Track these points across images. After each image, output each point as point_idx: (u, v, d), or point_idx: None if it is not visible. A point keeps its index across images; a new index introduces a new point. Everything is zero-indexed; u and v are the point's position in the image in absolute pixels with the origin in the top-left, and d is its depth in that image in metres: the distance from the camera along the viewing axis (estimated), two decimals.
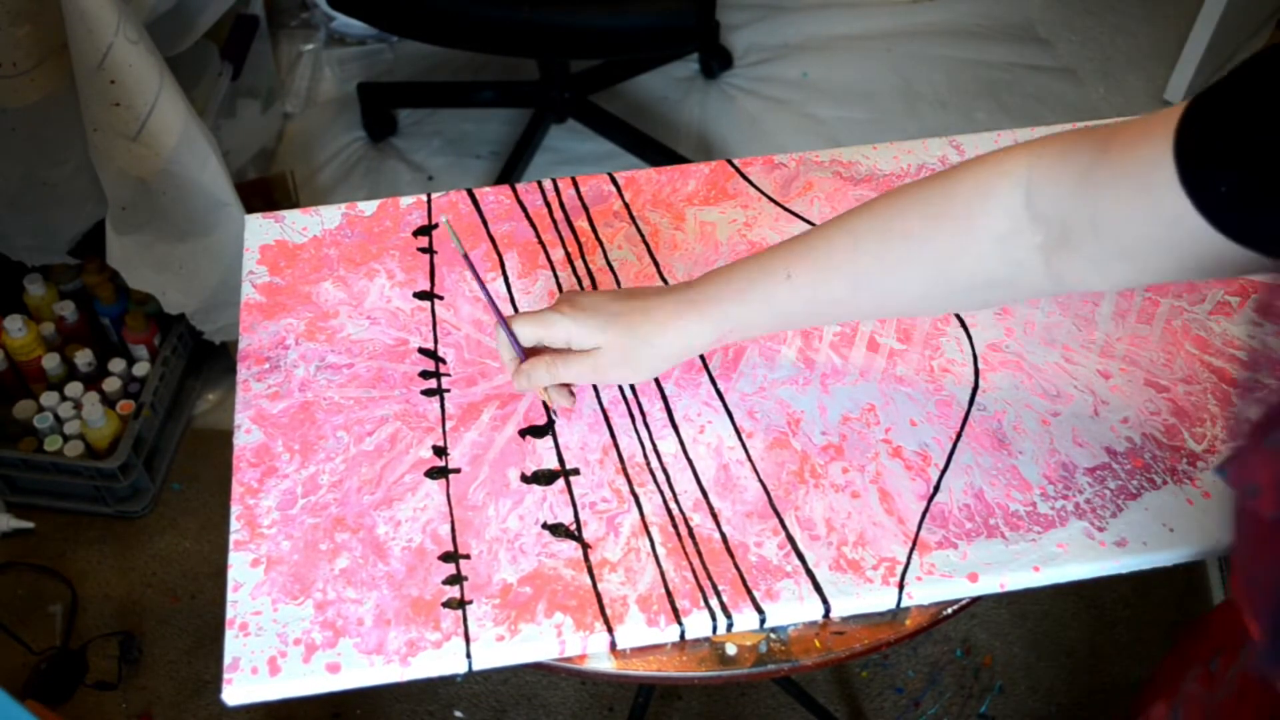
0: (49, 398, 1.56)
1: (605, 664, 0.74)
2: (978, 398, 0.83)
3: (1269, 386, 0.74)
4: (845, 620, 0.75)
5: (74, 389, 1.57)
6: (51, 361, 1.57)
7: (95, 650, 1.47)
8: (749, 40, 2.19)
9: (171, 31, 1.54)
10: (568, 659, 0.72)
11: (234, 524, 0.76)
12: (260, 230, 0.95)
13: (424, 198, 0.97)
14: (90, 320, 1.66)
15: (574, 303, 0.77)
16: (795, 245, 0.74)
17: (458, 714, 1.44)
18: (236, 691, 0.69)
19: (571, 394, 0.82)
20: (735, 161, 0.99)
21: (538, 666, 0.75)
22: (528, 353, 0.79)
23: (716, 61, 2.13)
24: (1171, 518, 0.76)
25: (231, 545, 0.75)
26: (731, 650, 0.75)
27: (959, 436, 0.80)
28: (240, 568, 0.74)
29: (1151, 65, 2.16)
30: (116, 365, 1.61)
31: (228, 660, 0.70)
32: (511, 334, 0.78)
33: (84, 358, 1.59)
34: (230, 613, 0.72)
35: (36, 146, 1.51)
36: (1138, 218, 0.59)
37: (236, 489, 0.78)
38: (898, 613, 0.75)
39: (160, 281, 1.51)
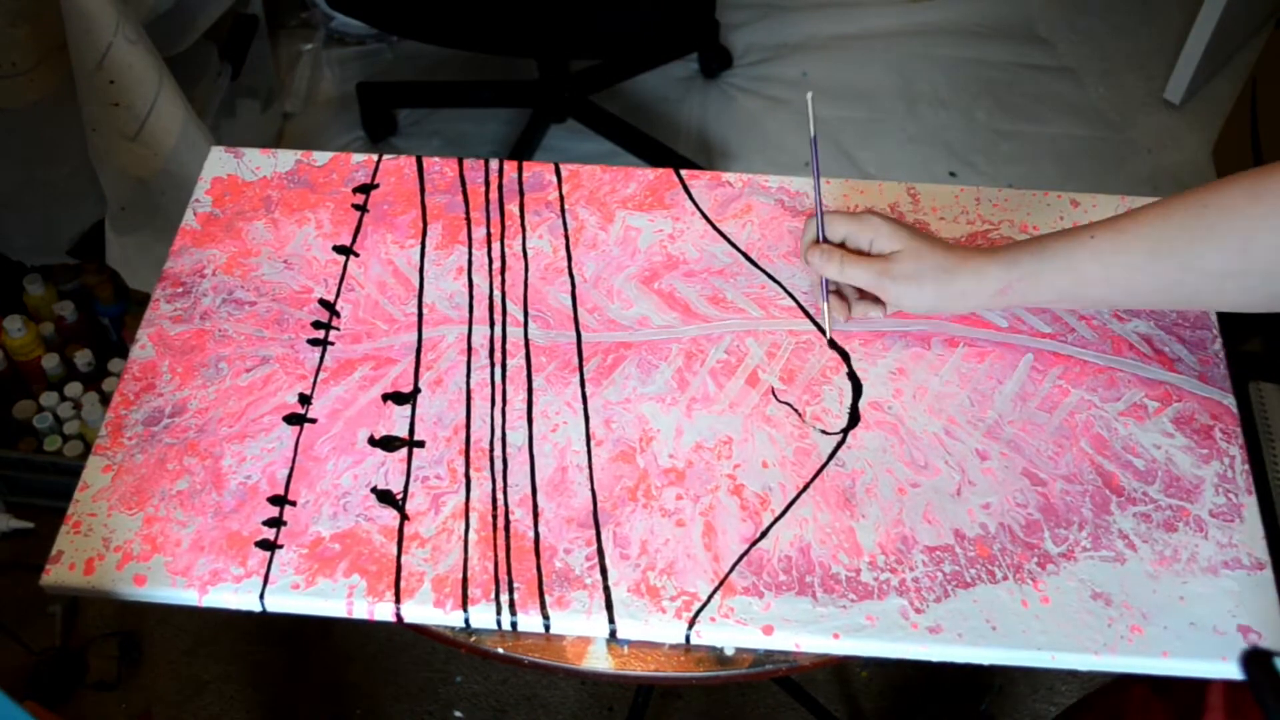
0: (48, 398, 1.56)
1: (605, 664, 0.75)
2: (840, 453, 0.81)
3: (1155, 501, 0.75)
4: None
5: (74, 389, 1.57)
6: (51, 361, 1.57)
7: (95, 650, 1.47)
8: (749, 40, 2.19)
9: (171, 31, 1.54)
10: (356, 618, 0.74)
11: (102, 430, 0.82)
12: (219, 163, 0.99)
13: (374, 157, 1.00)
14: (90, 320, 1.66)
15: (888, 218, 0.82)
16: (1100, 222, 0.77)
17: (457, 714, 1.44)
18: (52, 580, 0.75)
19: (846, 310, 0.86)
20: (682, 173, 0.98)
21: (533, 666, 0.75)
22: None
23: (716, 61, 2.13)
24: (998, 615, 0.73)
25: (94, 448, 0.81)
26: (730, 651, 0.75)
27: (806, 487, 0.79)
28: (94, 471, 0.80)
29: (1151, 65, 2.15)
30: (116, 365, 1.61)
31: (53, 553, 0.76)
32: (822, 221, 0.84)
33: (84, 358, 1.59)
34: (71, 509, 0.78)
35: (36, 146, 1.51)
36: None
37: (116, 399, 0.83)
38: (689, 648, 0.75)
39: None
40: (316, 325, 0.88)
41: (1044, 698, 1.45)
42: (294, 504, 0.78)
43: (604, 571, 0.75)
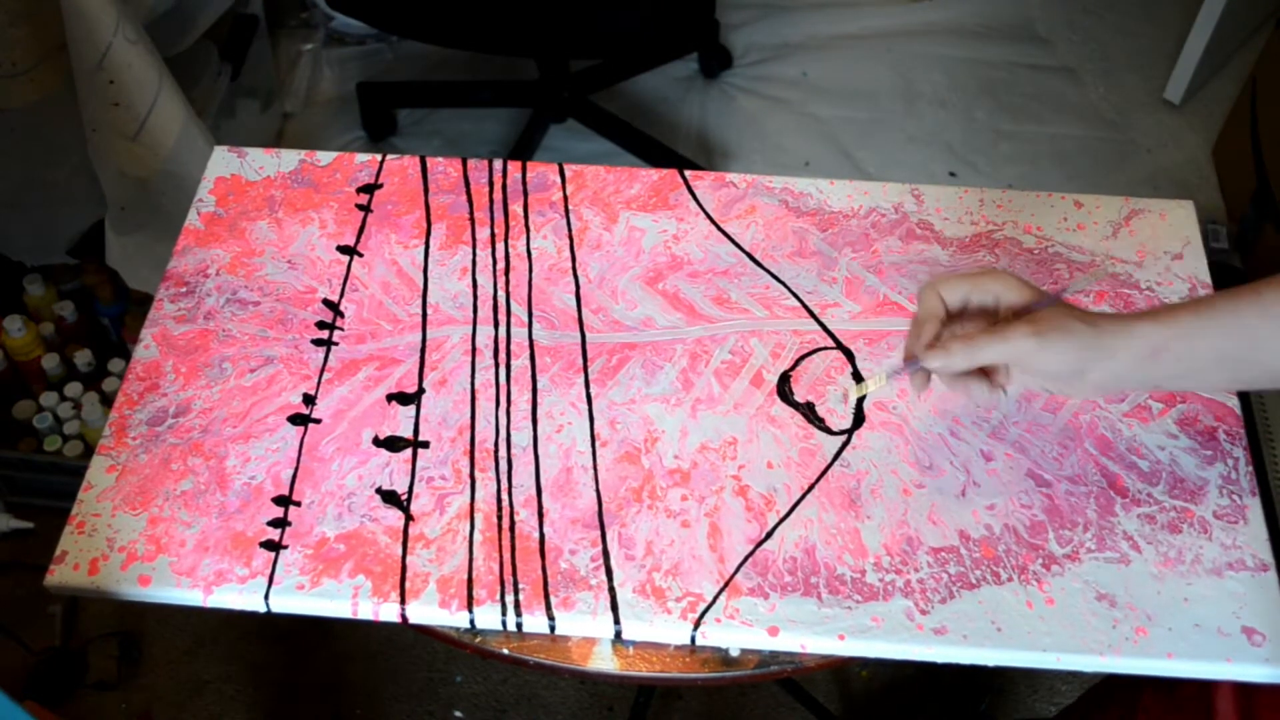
0: (48, 398, 1.56)
1: (606, 664, 0.75)
2: (845, 453, 0.81)
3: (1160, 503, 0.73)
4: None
5: (74, 389, 1.56)
6: (51, 361, 1.57)
7: (95, 650, 1.47)
8: (749, 40, 2.19)
9: (171, 31, 1.53)
10: (361, 619, 0.74)
11: (106, 430, 0.82)
12: (222, 162, 0.99)
13: (377, 157, 0.99)
14: (90, 320, 1.66)
15: (1002, 270, 0.72)
16: (1260, 282, 0.68)
17: (457, 714, 1.43)
18: (56, 581, 0.75)
19: (997, 389, 0.74)
20: (686, 174, 0.98)
21: (538, 667, 0.75)
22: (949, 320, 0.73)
23: (716, 61, 2.13)
24: (1003, 617, 0.73)
25: (98, 448, 0.80)
26: (735, 651, 0.75)
27: (811, 488, 0.79)
28: (97, 471, 0.80)
29: (1151, 65, 2.15)
30: (116, 365, 1.61)
31: (57, 553, 0.76)
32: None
33: (83, 358, 1.59)
34: (75, 509, 0.78)
35: (36, 146, 1.50)
36: None
37: (119, 399, 0.83)
38: (695, 649, 0.75)
39: (159, 282, 1.51)
40: (321, 325, 0.88)
41: (1044, 698, 1.45)
42: (299, 504, 0.78)
43: (609, 572, 0.75)
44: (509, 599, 0.74)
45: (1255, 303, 0.67)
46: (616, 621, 0.73)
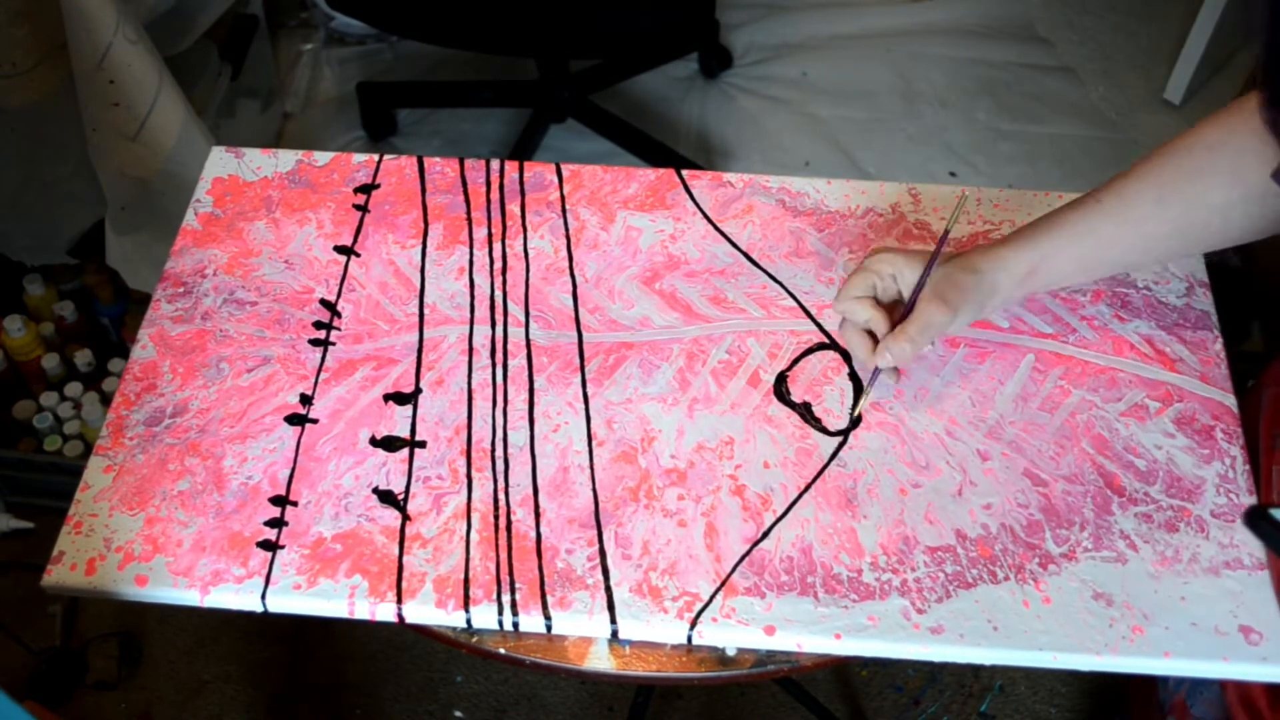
0: (48, 398, 1.56)
1: (603, 663, 0.75)
2: (842, 453, 0.81)
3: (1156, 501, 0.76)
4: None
5: (74, 389, 1.57)
6: (51, 361, 1.57)
7: (95, 650, 1.47)
8: (749, 40, 2.19)
9: (171, 31, 1.53)
10: (358, 619, 0.74)
11: (103, 430, 0.82)
12: (220, 163, 0.99)
13: (374, 157, 0.99)
14: (90, 320, 1.66)
15: (885, 245, 0.83)
16: (1097, 190, 0.79)
17: (457, 714, 1.43)
18: (53, 581, 0.75)
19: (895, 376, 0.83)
20: (684, 173, 0.98)
21: (535, 667, 0.75)
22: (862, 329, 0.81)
23: (716, 61, 2.13)
24: (1000, 616, 0.73)
25: (95, 448, 0.80)
26: (732, 651, 0.75)
27: (807, 488, 0.79)
28: (94, 471, 0.80)
29: (1151, 65, 2.15)
30: (116, 365, 1.61)
31: (54, 553, 0.76)
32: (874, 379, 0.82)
33: (84, 358, 1.59)
34: (72, 510, 0.78)
35: (36, 146, 1.51)
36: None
37: (117, 399, 0.83)
38: (691, 649, 0.75)
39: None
40: (318, 325, 0.88)
41: (1044, 699, 1.45)
42: (295, 504, 0.78)
43: (606, 572, 0.75)
44: (505, 598, 0.74)
45: (1098, 210, 0.78)
46: (613, 621, 0.73)
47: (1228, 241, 0.79)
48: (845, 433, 0.82)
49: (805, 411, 0.83)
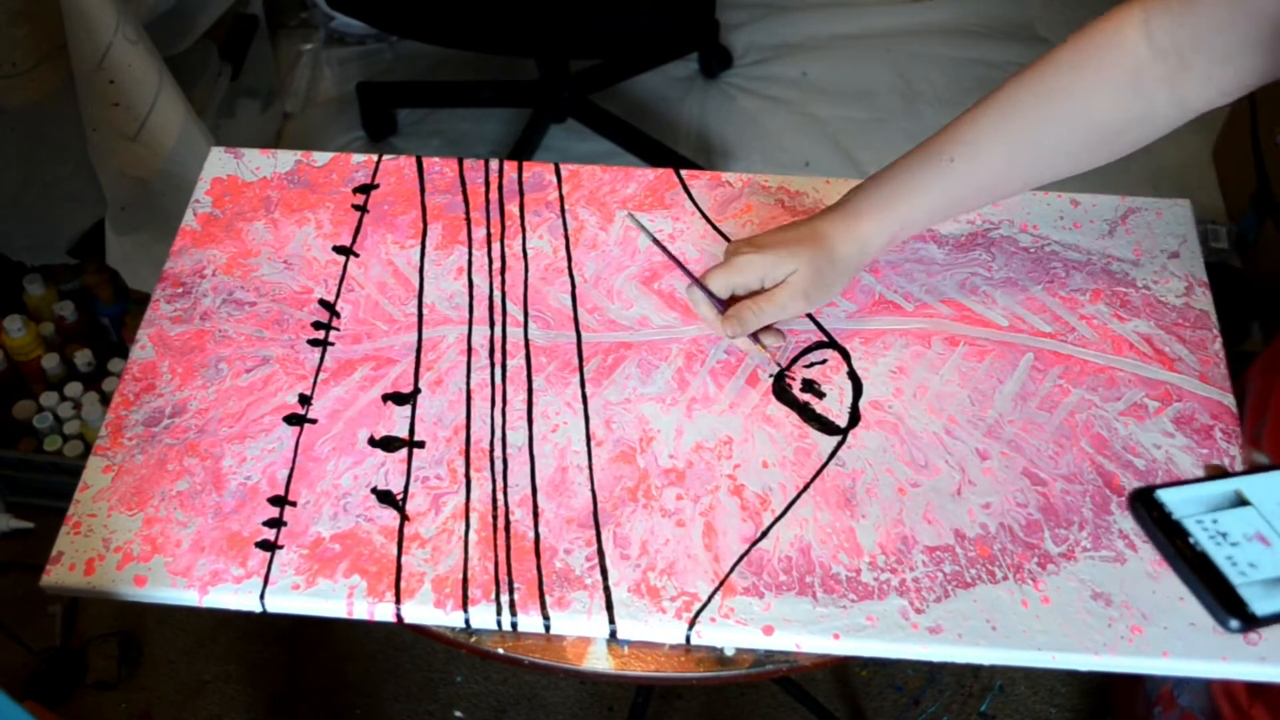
0: (48, 398, 1.56)
1: (601, 663, 0.75)
2: (841, 452, 0.81)
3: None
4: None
5: (74, 389, 1.57)
6: (51, 361, 1.57)
7: (95, 650, 1.47)
8: (748, 40, 2.19)
9: (171, 31, 1.54)
10: (356, 619, 0.74)
11: (102, 430, 0.82)
12: (219, 163, 0.99)
13: (373, 157, 0.99)
14: (90, 320, 1.66)
15: (753, 243, 0.81)
16: (946, 133, 0.79)
17: (457, 714, 1.44)
18: (52, 581, 0.75)
19: (782, 334, 0.85)
20: (682, 173, 0.98)
21: (533, 667, 0.75)
22: (724, 304, 0.82)
23: (716, 61, 2.13)
24: (999, 615, 0.73)
25: (94, 449, 0.80)
26: (730, 651, 0.75)
27: (806, 487, 0.79)
28: (94, 471, 0.80)
29: None
30: (116, 365, 1.61)
31: (53, 553, 0.76)
32: (707, 291, 0.82)
33: (84, 358, 1.59)
34: (71, 510, 0.78)
35: (36, 146, 1.51)
36: (1234, 26, 0.69)
37: (116, 399, 0.83)
38: (690, 648, 0.75)
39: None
40: (316, 326, 0.88)
41: (1044, 699, 1.45)
42: (294, 504, 0.78)
43: (604, 572, 0.75)
44: (504, 598, 0.74)
45: (950, 171, 0.78)
46: (611, 621, 0.73)
47: (1076, 173, 0.81)
48: (844, 432, 0.82)
49: (804, 411, 0.83)
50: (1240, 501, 0.59)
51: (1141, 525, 0.58)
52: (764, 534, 0.77)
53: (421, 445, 0.81)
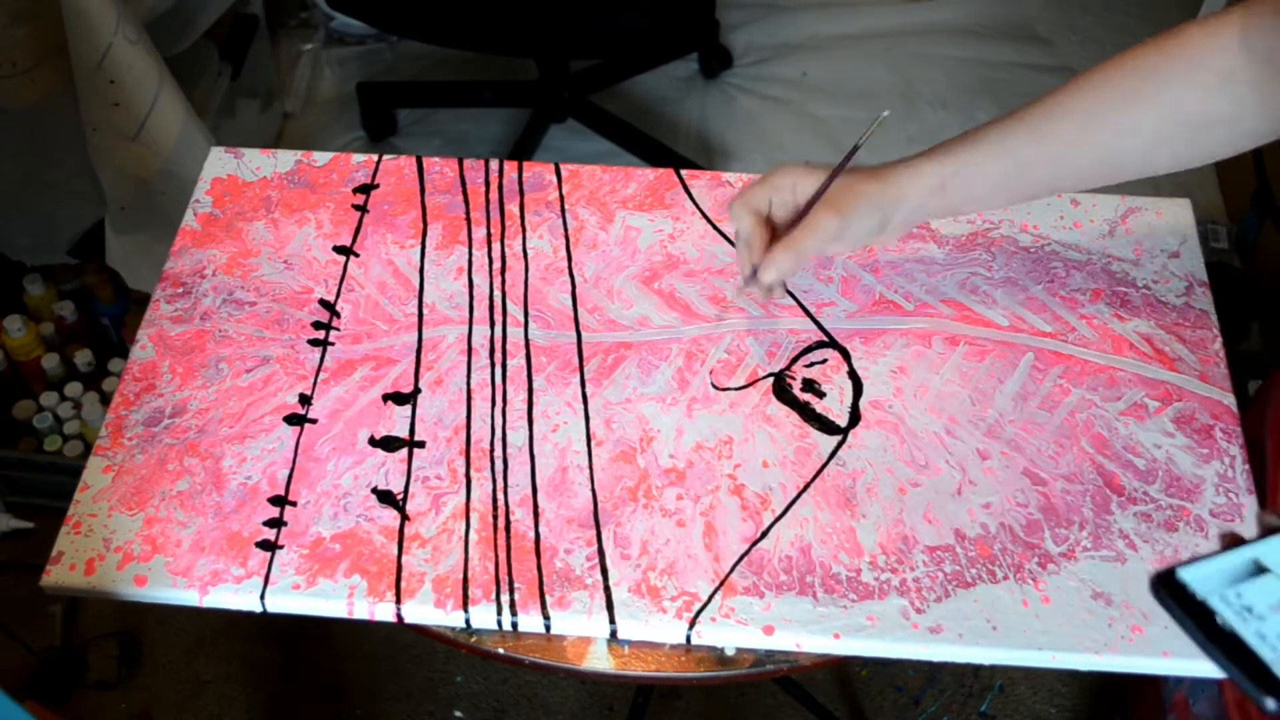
0: (48, 398, 1.56)
1: (602, 663, 0.75)
2: (841, 452, 0.81)
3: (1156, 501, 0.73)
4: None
5: (74, 389, 1.56)
6: (51, 361, 1.57)
7: (95, 650, 1.47)
8: (748, 40, 2.19)
9: (171, 31, 1.54)
10: (357, 619, 0.74)
11: (102, 430, 0.82)
12: (219, 163, 0.99)
13: (374, 157, 0.99)
14: (90, 320, 1.66)
15: (787, 161, 0.78)
16: (1026, 106, 0.75)
17: (457, 714, 1.43)
18: (52, 581, 0.76)
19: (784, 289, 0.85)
20: (683, 173, 0.98)
21: (533, 666, 0.75)
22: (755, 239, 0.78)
23: (716, 61, 2.13)
24: (999, 615, 0.73)
25: (94, 449, 0.80)
26: (730, 651, 0.75)
27: (806, 487, 0.79)
28: (94, 471, 0.80)
29: None
30: (116, 365, 1.61)
31: (53, 553, 0.76)
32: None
33: (84, 358, 1.59)
34: (71, 510, 0.78)
35: (36, 146, 1.51)
36: None
37: (116, 399, 0.83)
38: (690, 648, 0.75)
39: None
40: (317, 325, 0.88)
41: (1044, 699, 1.45)
42: (294, 504, 0.78)
43: (604, 572, 0.75)
44: (504, 598, 0.74)
45: (1020, 128, 0.75)
46: (612, 621, 0.73)
47: (1152, 172, 0.77)
48: (845, 431, 0.82)
49: (804, 410, 0.83)
50: (1259, 569, 0.58)
51: (1166, 609, 0.57)
52: (764, 534, 0.77)
53: (422, 445, 0.81)
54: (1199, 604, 0.56)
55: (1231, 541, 0.60)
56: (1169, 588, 0.57)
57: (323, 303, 0.89)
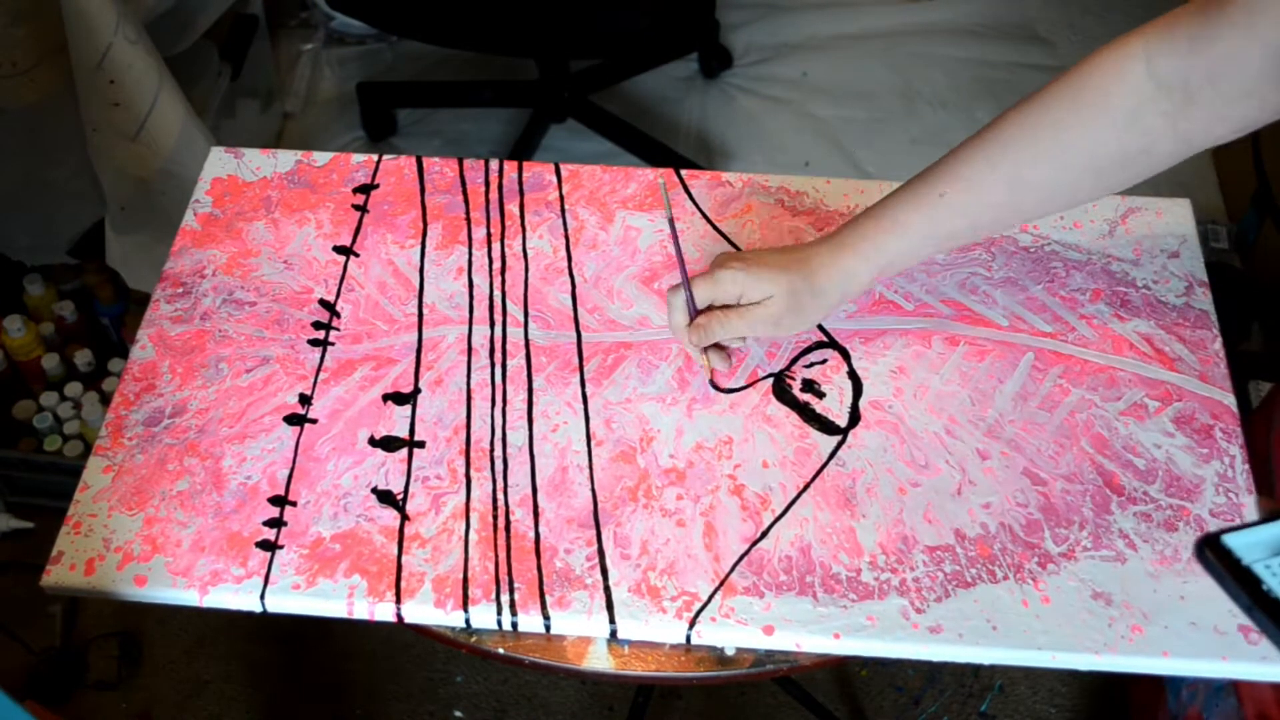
0: (48, 398, 1.56)
1: (602, 663, 0.75)
2: (841, 452, 0.81)
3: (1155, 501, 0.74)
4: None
5: (73, 389, 1.57)
6: (51, 361, 1.57)
7: (95, 650, 1.47)
8: (748, 40, 2.19)
9: (171, 31, 1.54)
10: (357, 619, 0.74)
11: (102, 430, 0.82)
12: (219, 163, 0.99)
13: (373, 157, 0.99)
14: (90, 320, 1.66)
15: (741, 259, 0.80)
16: (937, 169, 0.77)
17: (457, 714, 1.43)
18: (52, 581, 0.76)
19: (729, 359, 0.84)
20: (682, 173, 0.98)
21: (533, 666, 0.75)
22: (697, 314, 0.81)
23: (716, 61, 2.13)
24: (999, 615, 0.73)
25: (94, 449, 0.80)
26: (730, 650, 0.75)
27: (806, 487, 0.79)
28: (94, 471, 0.80)
29: None
30: (116, 365, 1.61)
31: (53, 553, 0.76)
32: (691, 295, 0.80)
33: (83, 358, 1.59)
34: (71, 510, 0.78)
35: (36, 146, 1.51)
36: (1251, 58, 0.66)
37: (116, 399, 0.83)
38: (690, 648, 0.75)
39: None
40: (317, 325, 0.88)
41: (1044, 699, 1.45)
42: (294, 504, 0.78)
43: (604, 571, 0.75)
44: (504, 598, 0.74)
45: (943, 206, 0.76)
46: (611, 621, 0.73)
47: (1074, 206, 0.80)
48: (845, 432, 0.82)
49: (804, 410, 0.83)
50: None
51: (1210, 571, 0.57)
52: (764, 534, 0.77)
53: (422, 445, 0.81)
54: (1244, 569, 0.57)
55: (1270, 515, 0.61)
56: (1215, 551, 0.57)
57: (323, 303, 0.89)
